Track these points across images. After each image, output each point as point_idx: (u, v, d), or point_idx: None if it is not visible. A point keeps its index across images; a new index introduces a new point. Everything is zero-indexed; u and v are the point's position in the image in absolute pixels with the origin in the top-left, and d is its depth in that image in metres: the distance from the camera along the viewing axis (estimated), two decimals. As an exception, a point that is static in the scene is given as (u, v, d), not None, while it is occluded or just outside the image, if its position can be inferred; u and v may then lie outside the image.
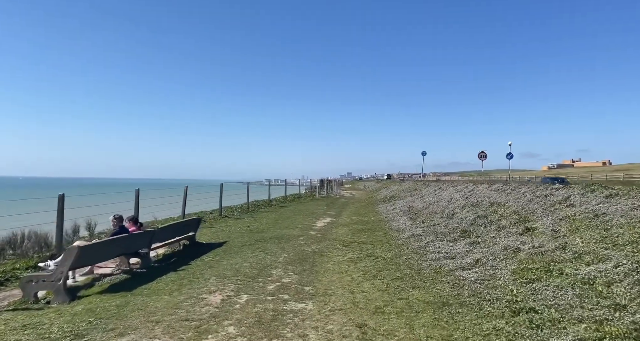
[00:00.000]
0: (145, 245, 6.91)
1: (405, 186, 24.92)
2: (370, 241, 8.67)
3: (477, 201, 10.35)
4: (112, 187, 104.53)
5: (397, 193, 22.62)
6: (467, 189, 12.92)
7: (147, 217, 12.48)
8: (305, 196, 26.94)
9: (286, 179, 25.08)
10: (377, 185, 41.33)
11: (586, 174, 47.19)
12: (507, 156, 30.37)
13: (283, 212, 16.82)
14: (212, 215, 14.97)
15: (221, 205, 15.34)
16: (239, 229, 11.30)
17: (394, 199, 20.53)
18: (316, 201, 23.53)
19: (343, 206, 20.53)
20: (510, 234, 6.74)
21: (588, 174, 47.43)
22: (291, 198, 24.50)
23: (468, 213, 9.54)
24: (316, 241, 9.08)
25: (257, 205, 19.34)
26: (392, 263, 6.50)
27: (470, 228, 8.18)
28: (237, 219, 14.47)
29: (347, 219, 13.82)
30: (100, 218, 11.21)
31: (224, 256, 7.57)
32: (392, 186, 29.66)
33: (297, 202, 22.74)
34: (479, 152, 25.26)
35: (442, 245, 7.27)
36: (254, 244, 8.75)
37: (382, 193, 27.66)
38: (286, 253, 7.74)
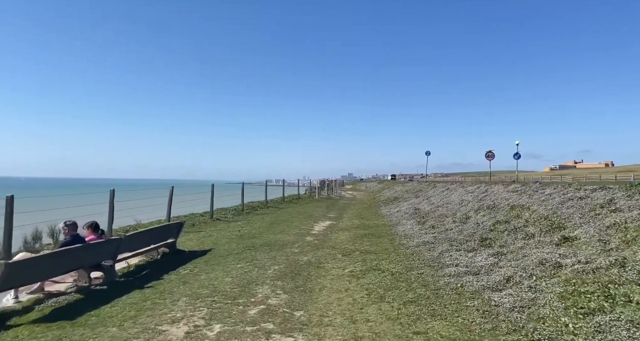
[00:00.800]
0: (108, 256, 5.83)
1: (409, 187, 23.82)
2: (375, 250, 7.56)
3: (493, 204, 9.25)
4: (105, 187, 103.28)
5: (401, 194, 21.51)
6: (479, 191, 11.82)
7: (128, 220, 11.41)
8: (305, 198, 25.85)
9: (284, 179, 24.03)
10: (379, 186, 40.20)
11: (594, 175, 45.96)
12: (515, 155, 29.24)
13: (280, 214, 15.73)
14: (202, 218, 13.89)
15: (212, 207, 14.26)
16: (229, 234, 10.22)
17: (397, 201, 19.43)
18: (316, 203, 22.44)
19: (344, 208, 19.44)
20: (544, 245, 5.64)
21: (595, 175, 46.20)
22: (290, 199, 23.42)
23: (484, 217, 8.43)
24: (313, 249, 7.99)
25: (253, 207, 18.26)
26: (402, 279, 5.40)
27: (491, 235, 7.07)
28: (229, 222, 13.39)
29: (348, 223, 12.73)
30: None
31: (204, 269, 6.48)
32: (395, 187, 28.54)
33: (296, 204, 21.65)
34: (487, 152, 24.15)
35: (460, 256, 6.17)
36: (242, 253, 7.66)
37: (384, 194, 26.55)
38: (277, 265, 6.65)
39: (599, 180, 37.63)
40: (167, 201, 11.41)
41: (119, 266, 6.75)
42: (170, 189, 11.46)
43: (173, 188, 11.54)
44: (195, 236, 10.21)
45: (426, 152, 30.05)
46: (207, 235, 10.25)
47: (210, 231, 11.14)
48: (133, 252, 6.63)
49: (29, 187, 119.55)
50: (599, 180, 37.58)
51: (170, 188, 11.47)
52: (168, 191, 15.60)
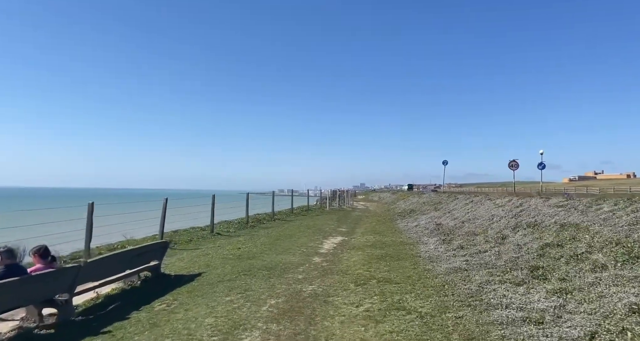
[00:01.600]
0: (63, 289, 4.67)
1: (425, 199, 22.31)
2: (395, 278, 6.22)
3: (535, 221, 7.83)
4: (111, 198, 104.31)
5: (418, 206, 20.04)
6: (511, 204, 10.37)
7: (115, 237, 10.32)
8: (315, 209, 24.56)
9: (292, 189, 22.85)
10: (393, 197, 38.61)
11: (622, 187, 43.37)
12: (539, 165, 27.54)
13: (286, 228, 14.48)
14: (202, 233, 12.75)
15: (213, 220, 13.11)
16: (226, 253, 9.01)
17: (414, 213, 17.97)
18: (326, 215, 21.13)
19: (356, 221, 18.07)
20: (625, 281, 4.24)
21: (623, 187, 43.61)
22: (299, 211, 22.17)
23: (527, 238, 7.02)
24: (320, 275, 6.69)
25: (259, 220, 17.07)
26: (435, 327, 4.06)
27: (542, 262, 5.67)
28: (231, 237, 12.21)
29: (361, 239, 11.38)
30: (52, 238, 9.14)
31: (185, 302, 5.26)
32: (410, 198, 27.02)
33: (305, 216, 20.39)
34: (510, 161, 22.53)
35: (508, 291, 4.79)
36: (235, 280, 6.42)
37: (399, 205, 25.07)
38: (275, 297, 5.38)
39: (629, 192, 35.26)
40: (161, 215, 10.30)
41: (86, 297, 5.60)
42: (164, 201, 10.38)
43: (167, 201, 10.45)
44: (189, 255, 9.04)
45: (443, 162, 28.57)
46: (202, 254, 9.07)
47: (207, 248, 9.97)
48: (101, 280, 5.46)
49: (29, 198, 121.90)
50: (629, 192, 35.21)
51: (164, 200, 10.38)
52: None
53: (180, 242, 11.01)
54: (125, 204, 13.35)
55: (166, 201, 10.40)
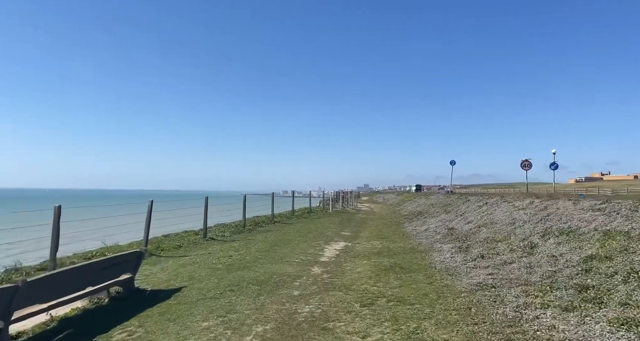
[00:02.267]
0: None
1: (433, 200, 21.23)
2: (409, 296, 5.20)
3: (568, 228, 6.78)
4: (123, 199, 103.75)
5: (426, 208, 18.98)
6: (535, 207, 9.30)
7: (93, 244, 9.38)
8: (317, 211, 23.56)
9: (294, 191, 21.87)
10: (398, 198, 37.49)
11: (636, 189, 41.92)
12: (551, 165, 26.34)
13: (286, 232, 13.50)
14: (194, 238, 11.80)
15: (206, 224, 12.15)
16: (215, 262, 8.04)
17: (422, 216, 16.92)
18: (329, 217, 20.13)
19: (361, 224, 17.04)
20: None
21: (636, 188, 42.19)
22: (300, 213, 21.18)
23: (562, 248, 5.98)
24: (319, 291, 5.69)
25: (257, 222, 16.11)
26: (470, 374, 3.04)
27: (590, 279, 4.64)
28: (224, 242, 11.24)
29: (366, 245, 10.37)
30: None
31: (152, 330, 4.29)
32: (417, 200, 25.94)
33: (307, 218, 19.39)
34: (523, 161, 21.39)
35: (555, 320, 3.78)
36: (219, 298, 5.44)
37: (406, 207, 24.00)
38: (262, 322, 4.39)
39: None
40: (145, 219, 9.33)
41: (38, 320, 4.65)
42: (149, 204, 9.41)
43: (152, 203, 9.48)
44: (175, 263, 8.08)
45: (451, 162, 27.42)
46: (189, 262, 8.10)
47: (197, 255, 9.01)
48: (52, 301, 4.49)
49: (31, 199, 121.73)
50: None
51: (149, 203, 9.42)
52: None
53: (168, 248, 10.06)
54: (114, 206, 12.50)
55: (152, 203, 9.43)
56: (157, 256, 9.22)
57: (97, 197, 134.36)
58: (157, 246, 10.02)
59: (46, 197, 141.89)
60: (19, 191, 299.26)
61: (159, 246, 9.97)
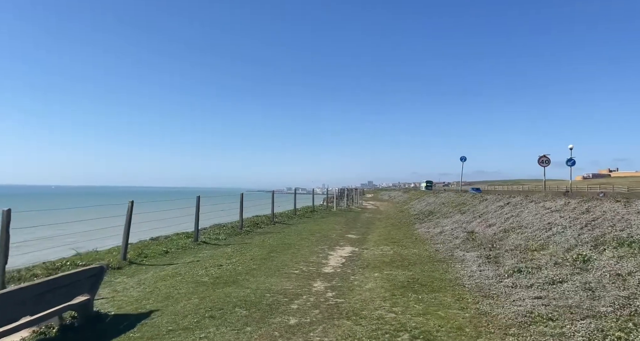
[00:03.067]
0: None
1: (444, 199, 19.97)
2: (439, 330, 3.99)
3: (628, 237, 5.54)
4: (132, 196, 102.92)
5: (437, 207, 17.74)
6: (573, 209, 8.01)
7: (60, 252, 8.24)
8: (321, 210, 22.39)
9: (295, 188, 20.73)
10: (405, 196, 36.20)
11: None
12: (568, 161, 24.95)
13: (286, 235, 12.34)
14: (184, 241, 10.67)
15: (197, 227, 11.00)
16: (201, 274, 6.89)
17: (434, 216, 15.69)
18: (333, 217, 18.95)
19: (367, 224, 15.84)
20: None
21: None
22: (303, 213, 20.03)
23: (628, 264, 4.77)
24: (322, 318, 4.51)
25: (256, 223, 14.97)
26: None
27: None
28: (217, 247, 10.11)
29: (376, 251, 9.18)
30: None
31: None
32: (425, 198, 24.68)
33: (309, 218, 18.23)
34: (540, 157, 20.00)
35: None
36: (194, 329, 4.28)
37: (414, 206, 22.75)
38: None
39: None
40: (125, 222, 8.18)
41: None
42: (129, 205, 8.25)
43: (132, 204, 8.32)
44: (154, 275, 6.94)
45: (461, 158, 26.11)
46: (170, 274, 6.96)
47: (183, 264, 7.88)
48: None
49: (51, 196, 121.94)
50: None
51: (129, 204, 8.26)
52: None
53: (153, 255, 8.94)
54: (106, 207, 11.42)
55: (132, 204, 8.29)
56: (138, 264, 8.10)
57: (90, 194, 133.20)
58: (140, 252, 8.89)
59: (60, 194, 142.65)
60: (26, 188, 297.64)
61: (141, 253, 8.85)
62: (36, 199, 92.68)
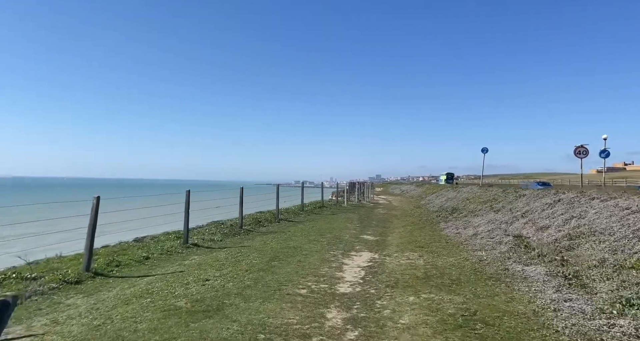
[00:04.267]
0: None
1: (467, 193, 18.04)
2: None
3: None
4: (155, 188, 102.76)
5: (460, 203, 15.85)
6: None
7: (36, 255, 6.50)
8: (330, 205, 20.64)
9: (303, 182, 18.99)
10: (418, 190, 34.22)
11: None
12: (602, 153, 22.78)
13: (291, 235, 10.62)
14: (172, 244, 9.05)
15: (187, 226, 9.33)
16: (179, 293, 5.22)
17: (459, 214, 13.82)
18: (344, 213, 17.19)
19: (384, 222, 14.05)
20: None
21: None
22: (311, 208, 18.30)
23: None
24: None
25: (258, 221, 13.28)
26: None
27: None
28: (210, 251, 8.45)
29: (402, 260, 7.41)
30: None
31: None
32: (443, 192, 22.75)
33: (318, 214, 16.50)
34: (576, 148, 17.86)
35: None
36: None
37: (432, 202, 20.86)
38: None
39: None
40: (89, 223, 6.49)
41: None
42: (93, 202, 6.52)
43: (98, 200, 6.60)
44: (120, 293, 5.31)
45: (483, 150, 23.99)
46: (138, 294, 5.28)
47: (160, 276, 6.24)
48: None
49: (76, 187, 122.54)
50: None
51: (93, 201, 6.52)
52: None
53: (129, 262, 7.31)
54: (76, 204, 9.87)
55: (97, 201, 6.58)
56: (105, 276, 6.46)
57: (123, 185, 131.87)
58: (112, 259, 7.25)
59: (80, 185, 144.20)
60: (38, 180, 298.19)
61: (114, 260, 7.21)
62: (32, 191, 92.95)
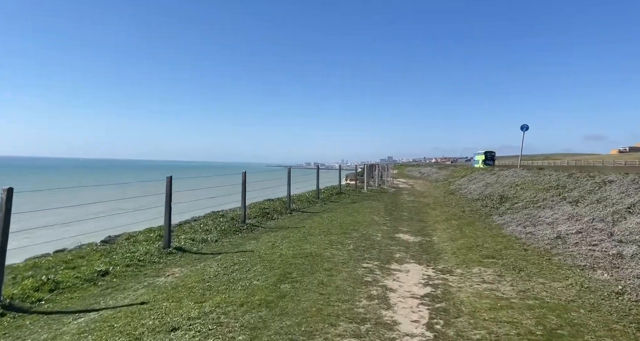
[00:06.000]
0: None
1: (512, 177, 15.24)
2: None
3: None
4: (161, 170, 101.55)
5: (509, 190, 13.12)
6: None
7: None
8: (348, 191, 18.13)
9: (319, 164, 16.54)
10: (442, 173, 31.32)
11: None
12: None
13: (307, 233, 8.17)
14: (149, 248, 6.76)
15: (168, 227, 6.94)
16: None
17: (513, 203, 11.16)
18: (367, 201, 14.68)
19: (417, 214, 11.50)
20: None
21: None
22: (327, 195, 15.83)
23: None
24: None
25: (266, 212, 10.89)
26: None
27: None
28: (195, 261, 6.09)
29: (477, 286, 4.89)
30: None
31: None
32: (477, 176, 19.95)
33: (336, 203, 14.04)
34: None
35: None
36: None
37: (466, 187, 18.13)
38: None
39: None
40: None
41: None
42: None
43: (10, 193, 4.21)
44: None
45: (522, 127, 20.94)
46: None
47: (100, 320, 3.87)
48: None
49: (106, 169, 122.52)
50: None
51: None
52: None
53: (70, 284, 5.07)
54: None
55: (8, 193, 4.19)
56: (24, 312, 4.18)
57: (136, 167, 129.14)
58: (47, 279, 4.93)
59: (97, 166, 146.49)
60: (56, 160, 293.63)
61: (48, 280, 4.90)
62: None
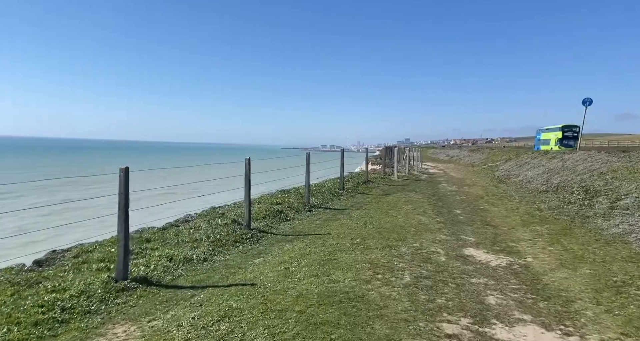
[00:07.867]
0: None
1: (590, 163, 12.23)
2: None
3: None
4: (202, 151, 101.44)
5: (596, 180, 10.18)
6: None
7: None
8: (376, 179, 15.43)
9: (343, 148, 13.97)
10: (476, 156, 28.12)
11: None
12: None
13: (335, 248, 5.57)
14: (99, 278, 4.30)
15: (126, 245, 4.43)
16: None
17: (615, 200, 8.29)
18: (401, 192, 12.00)
19: (473, 211, 8.79)
20: None
21: None
22: (352, 185, 13.18)
23: None
24: None
25: (279, 211, 8.36)
26: None
27: None
28: (168, 305, 3.55)
29: None
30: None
31: None
32: (529, 160, 16.91)
33: (365, 194, 11.43)
34: None
35: None
36: None
37: (520, 173, 15.14)
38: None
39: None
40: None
41: None
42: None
43: None
44: None
45: (584, 101, 17.56)
46: None
47: None
48: None
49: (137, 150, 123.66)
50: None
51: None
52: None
53: None
54: None
55: None
56: None
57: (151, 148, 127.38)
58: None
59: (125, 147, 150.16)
60: (75, 142, 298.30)
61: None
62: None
